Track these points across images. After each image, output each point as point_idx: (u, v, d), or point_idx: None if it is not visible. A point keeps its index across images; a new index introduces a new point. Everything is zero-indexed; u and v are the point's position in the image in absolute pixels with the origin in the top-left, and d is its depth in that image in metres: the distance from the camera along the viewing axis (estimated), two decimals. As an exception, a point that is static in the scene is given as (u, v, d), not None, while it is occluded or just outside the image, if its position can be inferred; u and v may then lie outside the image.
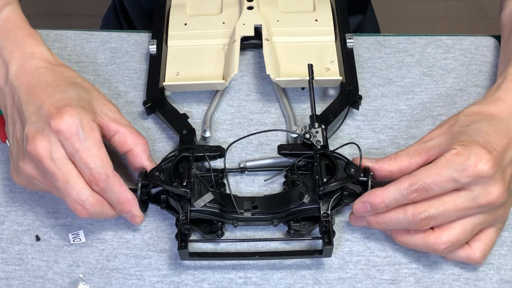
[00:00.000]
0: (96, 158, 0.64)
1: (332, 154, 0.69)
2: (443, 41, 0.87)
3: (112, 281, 0.68)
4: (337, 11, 0.86)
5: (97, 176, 0.64)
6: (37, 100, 0.66)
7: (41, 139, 0.63)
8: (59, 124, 0.63)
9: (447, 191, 0.63)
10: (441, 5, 2.11)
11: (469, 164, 0.62)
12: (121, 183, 0.66)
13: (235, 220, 0.69)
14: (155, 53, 0.82)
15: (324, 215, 0.67)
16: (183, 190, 0.66)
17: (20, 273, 0.68)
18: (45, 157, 0.63)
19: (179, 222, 0.66)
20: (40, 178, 0.66)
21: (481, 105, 0.69)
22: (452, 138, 0.65)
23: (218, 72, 0.80)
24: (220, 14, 0.86)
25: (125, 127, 0.69)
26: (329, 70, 0.79)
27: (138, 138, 0.70)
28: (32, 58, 0.70)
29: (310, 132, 0.71)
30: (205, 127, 0.76)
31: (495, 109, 0.68)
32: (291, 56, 0.81)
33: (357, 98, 0.77)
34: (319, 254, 0.66)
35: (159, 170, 0.68)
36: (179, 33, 0.84)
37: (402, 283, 0.67)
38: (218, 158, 0.72)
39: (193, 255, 0.66)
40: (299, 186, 0.69)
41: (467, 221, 0.64)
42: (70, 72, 0.71)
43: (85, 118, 0.65)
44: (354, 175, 0.67)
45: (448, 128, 0.67)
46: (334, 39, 0.83)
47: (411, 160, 0.67)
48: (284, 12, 0.86)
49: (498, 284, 0.67)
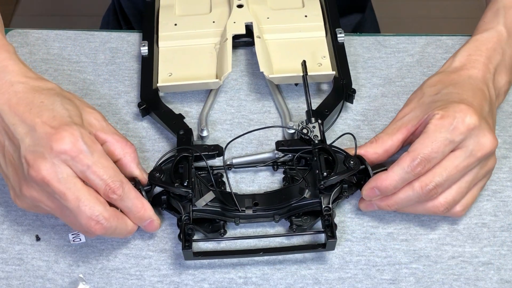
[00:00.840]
0: (108, 168, 0.63)
1: (331, 148, 0.69)
2: (443, 41, 0.87)
3: (112, 281, 0.68)
4: (326, 6, 0.86)
5: (113, 184, 0.63)
6: (25, 120, 0.64)
7: (44, 162, 0.62)
8: (62, 145, 0.62)
9: (446, 155, 0.65)
10: (441, 5, 2.11)
11: (458, 121, 0.65)
12: (135, 189, 0.66)
13: (237, 218, 0.69)
14: (147, 55, 0.82)
15: (326, 209, 0.67)
16: (184, 190, 0.66)
17: (20, 273, 0.68)
18: (51, 179, 0.62)
19: (182, 222, 0.66)
20: (46, 201, 0.64)
21: (441, 75, 0.73)
22: (427, 108, 0.68)
23: (211, 71, 0.80)
24: (210, 13, 0.86)
25: (112, 135, 0.68)
26: (321, 65, 0.80)
27: (126, 146, 0.68)
28: (5, 73, 0.67)
29: (307, 127, 0.72)
30: (202, 127, 0.77)
31: (455, 75, 0.71)
32: (283, 53, 0.82)
33: (351, 92, 0.78)
34: (323, 248, 0.67)
35: (159, 171, 0.68)
36: (170, 33, 0.84)
37: (402, 283, 0.67)
38: (217, 157, 0.72)
39: (197, 254, 0.66)
40: (299, 181, 0.69)
41: (461, 180, 0.66)
42: (48, 84, 0.68)
43: (84, 134, 0.63)
44: (354, 168, 0.67)
45: (418, 101, 0.71)
46: (325, 34, 0.83)
47: (392, 138, 0.70)
48: (273, 9, 0.86)
49: (498, 284, 0.67)
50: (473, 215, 0.72)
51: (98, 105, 0.80)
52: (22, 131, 0.64)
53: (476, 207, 0.72)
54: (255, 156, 0.75)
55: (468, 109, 0.65)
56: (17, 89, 0.66)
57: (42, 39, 0.87)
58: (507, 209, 0.72)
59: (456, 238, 0.70)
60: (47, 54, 0.85)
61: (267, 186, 0.74)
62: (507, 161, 0.76)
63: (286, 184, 0.72)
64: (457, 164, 0.65)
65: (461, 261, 0.69)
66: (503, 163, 0.75)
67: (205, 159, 0.70)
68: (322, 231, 0.67)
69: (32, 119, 0.64)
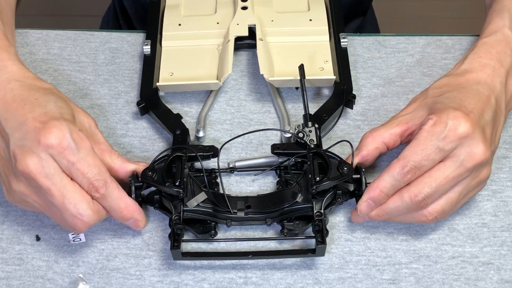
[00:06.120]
0: (92, 167, 0.63)
1: (325, 153, 0.69)
2: (443, 41, 0.87)
3: (112, 281, 0.68)
4: (332, 10, 0.86)
5: (96, 183, 0.63)
6: (17, 115, 0.64)
7: (31, 156, 0.62)
8: (49, 139, 0.62)
9: (436, 162, 0.64)
10: (441, 5, 2.11)
11: (449, 129, 0.64)
12: (119, 189, 0.65)
13: (229, 219, 0.69)
14: (149, 54, 0.82)
15: (317, 214, 0.67)
16: (175, 190, 0.66)
17: (20, 273, 0.68)
18: (38, 174, 0.62)
19: (172, 222, 0.66)
20: (34, 196, 0.64)
21: (448, 77, 0.71)
22: (429, 109, 0.68)
23: (212, 72, 0.80)
24: (214, 14, 0.86)
25: (99, 145, 0.68)
26: (323, 70, 0.80)
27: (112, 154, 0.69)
28: (3, 72, 0.68)
29: (303, 131, 0.71)
30: (199, 127, 0.76)
31: (462, 79, 0.70)
32: (285, 56, 0.81)
33: (351, 97, 0.78)
34: (312, 253, 0.66)
35: (151, 170, 0.68)
36: (173, 33, 0.84)
37: (402, 283, 0.67)
38: (212, 158, 0.71)
39: (186, 255, 0.66)
40: (292, 186, 0.69)
41: (451, 191, 0.66)
42: (45, 84, 0.69)
43: (73, 130, 0.63)
44: (347, 174, 0.67)
45: (421, 102, 0.70)
46: (328, 38, 0.83)
47: (391, 131, 0.69)
48: (278, 12, 0.86)
49: (498, 284, 0.67)
50: (473, 215, 0.72)
51: (98, 105, 0.80)
52: (12, 126, 0.64)
53: (476, 207, 0.72)
54: (258, 160, 0.75)
55: (462, 117, 0.64)
56: (14, 86, 0.67)
57: (42, 39, 0.87)
58: (507, 209, 0.72)
59: (456, 238, 0.70)
60: (47, 54, 0.85)
61: (268, 187, 0.74)
62: (507, 161, 0.76)
63: (280, 188, 0.72)
64: (447, 174, 0.64)
65: (461, 261, 0.69)
66: (503, 163, 0.75)
67: (200, 159, 0.70)
68: (312, 236, 0.67)
69: (24, 115, 0.64)
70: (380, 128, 0.70)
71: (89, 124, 0.69)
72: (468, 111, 0.65)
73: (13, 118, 0.65)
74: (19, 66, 0.69)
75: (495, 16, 0.76)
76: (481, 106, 0.67)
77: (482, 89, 0.69)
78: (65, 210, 0.63)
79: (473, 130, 0.64)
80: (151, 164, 0.69)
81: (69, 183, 0.63)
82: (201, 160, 0.70)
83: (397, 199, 0.66)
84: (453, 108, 0.65)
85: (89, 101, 0.81)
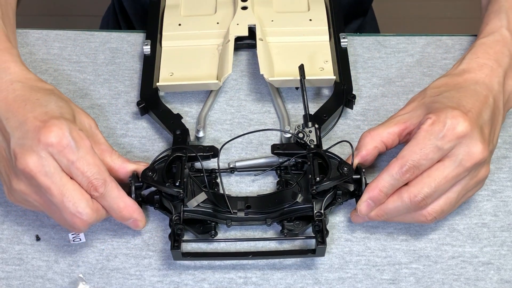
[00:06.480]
0: (92, 166, 0.64)
1: (325, 153, 0.69)
2: (443, 41, 0.87)
3: (112, 281, 0.68)
4: (332, 10, 0.86)
5: (95, 182, 0.63)
6: (18, 115, 0.65)
7: (31, 154, 0.62)
8: (49, 138, 0.62)
9: (435, 161, 0.65)
10: (441, 5, 2.11)
11: (448, 128, 0.64)
12: (119, 189, 0.66)
13: (229, 220, 0.69)
14: (149, 54, 0.82)
15: (317, 214, 0.67)
16: (175, 190, 0.66)
17: (20, 273, 0.68)
18: (38, 173, 0.62)
19: (172, 222, 0.67)
20: (34, 195, 0.64)
21: (447, 77, 0.72)
22: (427, 108, 0.68)
23: (212, 72, 0.80)
24: (214, 14, 0.86)
25: (99, 145, 0.69)
26: (323, 70, 0.80)
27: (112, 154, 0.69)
28: (6, 73, 0.68)
29: (303, 131, 0.71)
30: (199, 127, 0.76)
31: (460, 79, 0.70)
32: (285, 56, 0.81)
33: (351, 97, 0.78)
34: (312, 254, 0.66)
35: (152, 170, 0.68)
36: (173, 33, 0.84)
37: (402, 283, 0.67)
38: (212, 158, 0.71)
39: (186, 255, 0.66)
40: (293, 186, 0.69)
41: (450, 191, 0.66)
42: (46, 85, 0.69)
43: (73, 129, 0.64)
44: (347, 174, 0.67)
45: (419, 101, 0.70)
46: (328, 38, 0.83)
47: (389, 130, 0.69)
48: (278, 12, 0.86)
49: (498, 284, 0.67)
50: (473, 215, 0.72)
51: (98, 105, 0.80)
52: (13, 125, 0.65)
53: (476, 207, 0.72)
54: (258, 160, 0.75)
55: (461, 116, 0.64)
56: (16, 87, 0.67)
57: (42, 39, 0.87)
58: (507, 209, 0.72)
59: (456, 238, 0.70)
60: (47, 54, 0.85)
61: (268, 187, 0.74)
62: (507, 161, 0.76)
63: (280, 188, 0.72)
64: (446, 174, 0.64)
65: (461, 261, 0.69)
66: (503, 163, 0.75)
67: (200, 159, 0.70)
68: (312, 236, 0.67)
69: (25, 114, 0.65)
70: (379, 127, 0.70)
71: (90, 125, 0.69)
72: (466, 110, 0.65)
73: (14, 117, 0.65)
74: (22, 68, 0.70)
75: (493, 16, 0.76)
76: (479, 106, 0.67)
77: (480, 89, 0.69)
78: (64, 209, 0.63)
79: (471, 130, 0.64)
80: (151, 164, 0.69)
81: (69, 181, 0.63)
82: (201, 160, 0.70)
83: (396, 199, 0.66)
84: (452, 107, 0.65)
85: (89, 101, 0.81)
